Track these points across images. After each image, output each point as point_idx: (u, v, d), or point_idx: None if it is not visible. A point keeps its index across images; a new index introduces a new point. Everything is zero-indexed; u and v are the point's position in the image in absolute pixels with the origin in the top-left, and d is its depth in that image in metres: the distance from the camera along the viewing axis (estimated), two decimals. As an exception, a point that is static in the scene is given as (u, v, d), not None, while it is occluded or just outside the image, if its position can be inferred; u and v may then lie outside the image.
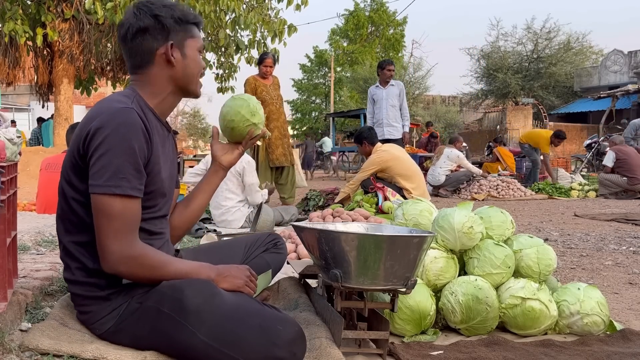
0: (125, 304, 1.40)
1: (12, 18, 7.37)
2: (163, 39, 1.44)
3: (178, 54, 1.46)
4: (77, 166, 1.38)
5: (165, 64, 1.46)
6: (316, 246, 1.60)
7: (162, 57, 1.45)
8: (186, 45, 1.48)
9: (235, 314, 1.33)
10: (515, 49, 24.55)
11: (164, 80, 1.47)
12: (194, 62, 1.49)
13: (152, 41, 1.43)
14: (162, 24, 1.43)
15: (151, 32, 1.43)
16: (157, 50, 1.44)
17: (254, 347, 1.28)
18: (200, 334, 1.29)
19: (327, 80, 32.64)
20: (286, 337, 1.31)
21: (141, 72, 1.47)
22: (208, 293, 1.34)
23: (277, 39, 8.51)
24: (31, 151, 8.95)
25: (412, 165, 5.18)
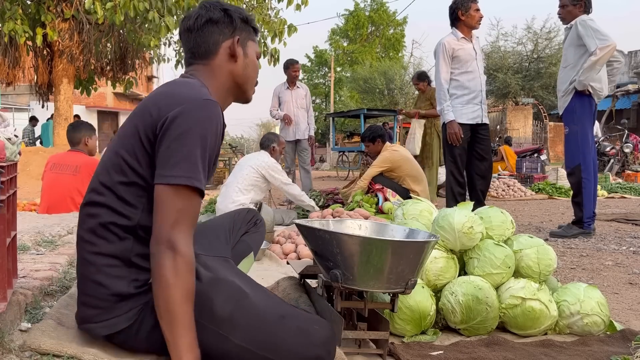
0: (143, 305, 1.32)
1: (12, 18, 7.38)
2: (230, 32, 1.46)
3: (241, 51, 1.48)
4: (143, 150, 1.30)
5: (228, 58, 1.46)
6: (317, 246, 1.60)
7: (226, 50, 1.46)
8: (248, 45, 1.50)
9: (270, 316, 1.32)
10: (515, 49, 24.56)
11: (225, 74, 1.47)
12: (253, 64, 1.51)
13: (220, 33, 1.45)
14: (231, 18, 1.46)
15: (219, 25, 1.45)
16: (223, 43, 1.45)
17: (293, 348, 1.29)
18: (234, 338, 1.29)
19: (327, 80, 32.66)
20: (323, 336, 1.33)
21: (203, 63, 1.46)
22: (237, 298, 1.32)
23: (277, 39, 8.51)
24: (31, 151, 8.96)
25: (420, 169, 5.23)
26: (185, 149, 1.25)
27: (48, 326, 1.43)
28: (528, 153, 12.27)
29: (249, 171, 4.38)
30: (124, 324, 1.32)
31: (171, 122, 1.26)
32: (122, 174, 1.32)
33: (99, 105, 24.03)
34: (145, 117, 1.31)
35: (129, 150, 1.32)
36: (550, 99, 23.38)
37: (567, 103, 4.09)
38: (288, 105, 6.56)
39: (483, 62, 4.60)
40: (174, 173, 1.24)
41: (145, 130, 1.30)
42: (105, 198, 1.33)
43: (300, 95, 6.65)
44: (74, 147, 3.98)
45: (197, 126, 1.26)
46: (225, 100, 1.51)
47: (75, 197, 3.81)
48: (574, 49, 4.05)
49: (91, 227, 1.34)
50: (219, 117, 1.33)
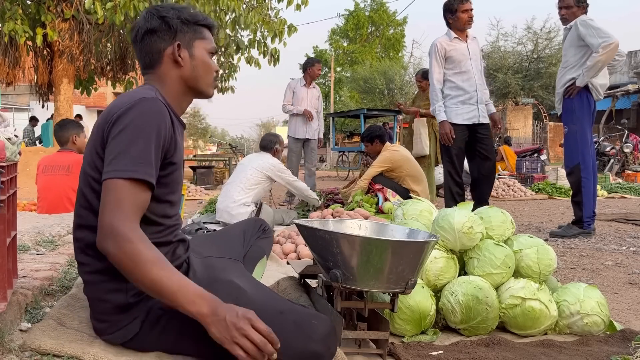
0: (145, 313, 1.36)
1: (12, 18, 7.37)
2: (170, 39, 1.47)
3: (186, 54, 1.48)
4: (100, 161, 1.33)
5: (173, 64, 1.48)
6: (317, 246, 1.60)
7: (169, 57, 1.47)
8: (194, 45, 1.50)
9: (266, 312, 1.32)
10: (515, 49, 24.56)
11: (174, 79, 1.49)
12: (202, 63, 1.51)
13: (160, 41, 1.47)
14: (168, 25, 1.46)
15: (159, 33, 1.46)
16: (165, 50, 1.47)
17: (291, 344, 1.29)
18: None
19: (327, 80, 32.64)
20: (322, 332, 1.32)
21: (152, 72, 1.50)
22: (235, 295, 1.34)
23: (277, 39, 8.51)
24: (31, 151, 8.96)
25: (420, 168, 5.24)
26: (122, 144, 1.28)
27: (48, 326, 1.43)
28: (528, 153, 12.27)
29: (253, 172, 4.39)
30: (134, 332, 1.36)
31: (112, 125, 1.32)
32: (93, 191, 1.36)
33: (99, 105, 24.03)
34: (98, 133, 1.37)
35: (91, 166, 1.36)
36: (550, 99, 23.37)
37: (566, 103, 4.09)
38: (303, 103, 6.51)
39: (482, 62, 4.53)
40: (109, 169, 1.27)
41: (97, 143, 1.35)
42: (85, 219, 1.38)
43: (315, 95, 6.65)
44: (62, 147, 3.93)
45: (134, 124, 1.30)
46: (182, 101, 1.53)
47: (71, 196, 3.79)
48: (574, 50, 4.05)
49: (81, 249, 1.39)
50: (161, 109, 1.35)
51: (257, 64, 9.01)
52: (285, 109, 6.65)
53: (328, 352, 1.34)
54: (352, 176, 12.49)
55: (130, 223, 1.24)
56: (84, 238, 1.38)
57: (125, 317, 1.37)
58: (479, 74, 4.37)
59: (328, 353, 1.34)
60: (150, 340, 1.38)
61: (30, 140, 13.96)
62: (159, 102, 1.37)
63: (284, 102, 6.62)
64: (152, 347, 1.39)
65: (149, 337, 1.37)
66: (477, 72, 4.36)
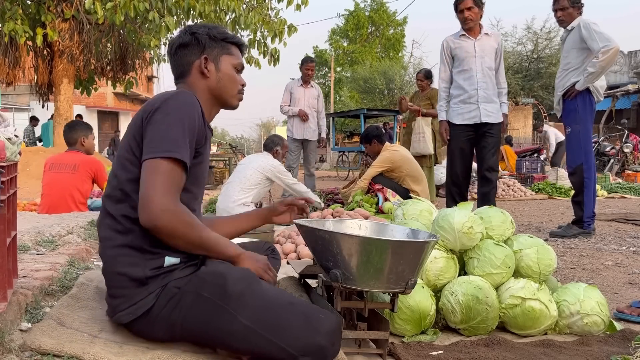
0: (160, 289, 1.42)
1: (12, 18, 7.37)
2: (199, 52, 1.62)
3: (212, 67, 1.63)
4: (137, 145, 1.46)
5: (200, 75, 1.62)
6: (317, 246, 1.60)
7: (197, 68, 1.62)
8: (221, 60, 1.64)
9: (279, 301, 1.39)
10: (515, 49, 24.55)
11: (201, 89, 1.62)
12: (227, 77, 1.65)
13: (190, 55, 1.63)
14: (198, 40, 1.62)
15: (189, 47, 1.63)
16: (194, 63, 1.62)
17: (297, 333, 1.33)
18: (242, 318, 1.34)
19: (327, 80, 32.65)
20: (328, 326, 1.36)
21: (183, 82, 1.65)
22: (250, 280, 1.41)
23: (277, 39, 8.51)
24: (31, 151, 8.96)
25: (420, 168, 5.24)
26: (162, 129, 1.41)
27: (48, 326, 1.43)
28: (528, 153, 12.27)
29: (253, 172, 4.39)
30: (146, 307, 1.41)
31: (151, 114, 1.45)
32: (126, 171, 1.47)
33: (99, 105, 24.03)
34: (137, 122, 1.50)
35: (127, 150, 1.48)
36: (550, 99, 23.35)
37: (568, 104, 4.09)
38: (299, 103, 6.47)
39: (497, 60, 4.32)
40: (151, 149, 1.40)
41: (136, 131, 1.47)
42: (115, 194, 1.48)
43: (313, 95, 6.58)
44: (71, 147, 3.99)
45: (172, 112, 1.44)
46: (210, 110, 1.66)
47: (75, 194, 3.82)
48: (576, 52, 4.05)
49: (107, 224, 1.49)
50: (195, 102, 1.50)
51: (257, 64, 9.00)
52: (282, 109, 6.64)
53: (332, 348, 1.37)
54: (352, 176, 12.50)
55: (177, 199, 1.41)
56: (112, 211, 1.47)
57: (141, 291, 1.42)
58: (482, 72, 4.24)
59: (332, 349, 1.37)
60: (160, 317, 1.41)
61: (30, 140, 13.96)
62: (194, 97, 1.51)
63: (281, 102, 6.60)
64: (160, 327, 1.42)
65: (160, 313, 1.41)
66: (481, 70, 4.24)
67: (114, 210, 1.47)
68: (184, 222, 1.40)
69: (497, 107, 4.27)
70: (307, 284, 2.05)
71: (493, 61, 4.30)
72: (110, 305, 1.48)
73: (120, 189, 1.46)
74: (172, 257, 1.45)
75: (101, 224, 1.51)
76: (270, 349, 1.33)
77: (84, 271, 2.04)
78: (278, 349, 1.32)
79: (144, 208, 1.37)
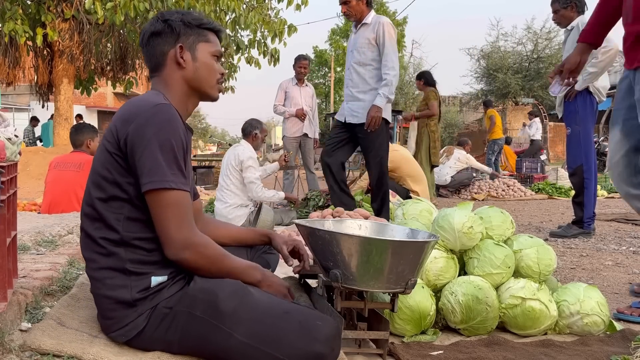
0: (150, 310, 1.38)
1: (12, 18, 7.37)
2: (173, 41, 1.51)
3: (188, 56, 1.52)
4: (115, 163, 1.39)
5: (176, 66, 1.52)
6: (317, 246, 1.60)
7: (172, 59, 1.51)
8: (198, 48, 1.53)
9: (273, 312, 1.36)
10: (515, 49, 24.55)
11: (178, 81, 1.52)
12: (205, 65, 1.54)
13: (164, 44, 1.52)
14: (171, 28, 1.51)
15: (162, 36, 1.51)
16: (168, 53, 1.51)
17: (295, 344, 1.31)
18: (238, 335, 1.32)
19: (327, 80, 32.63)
20: (326, 332, 1.34)
21: (157, 75, 1.54)
22: (241, 294, 1.37)
23: (277, 39, 8.51)
24: (31, 151, 8.96)
25: (419, 169, 5.25)
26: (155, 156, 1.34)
27: (48, 326, 1.43)
28: (528, 153, 12.27)
29: (231, 171, 4.29)
30: (138, 328, 1.38)
31: (135, 133, 1.36)
32: (100, 190, 1.41)
33: (99, 105, 24.03)
34: (111, 137, 1.41)
35: (103, 167, 1.42)
36: (550, 99, 23.36)
37: (569, 105, 4.09)
38: (296, 102, 6.27)
39: (372, 51, 3.71)
40: (154, 179, 1.34)
41: (114, 147, 1.40)
42: (90, 213, 1.43)
43: (309, 94, 6.43)
44: (76, 149, 4.05)
45: (161, 131, 1.36)
46: (188, 103, 1.56)
47: (79, 192, 3.85)
48: None
49: (89, 246, 1.44)
50: (175, 116, 1.41)
51: (257, 64, 9.01)
52: (276, 109, 6.39)
53: (332, 354, 1.35)
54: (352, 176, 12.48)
55: (193, 228, 1.39)
56: (92, 234, 1.41)
57: (130, 313, 1.38)
58: (349, 69, 3.83)
59: (332, 354, 1.35)
60: (155, 338, 1.38)
61: (30, 140, 13.96)
62: (172, 109, 1.42)
63: (275, 102, 6.35)
64: (156, 346, 1.39)
65: (154, 334, 1.38)
66: (349, 66, 3.82)
67: (92, 231, 1.41)
68: (205, 256, 1.40)
69: (364, 106, 3.70)
70: (307, 284, 2.05)
71: (366, 54, 3.73)
72: (102, 325, 1.45)
73: (94, 209, 1.41)
74: (158, 276, 1.40)
75: (83, 243, 1.46)
76: None
77: (84, 271, 2.04)
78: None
79: (166, 246, 1.37)
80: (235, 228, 1.88)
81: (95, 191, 1.42)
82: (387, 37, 3.66)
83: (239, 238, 1.82)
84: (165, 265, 1.41)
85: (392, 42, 3.66)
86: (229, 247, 1.93)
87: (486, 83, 25.02)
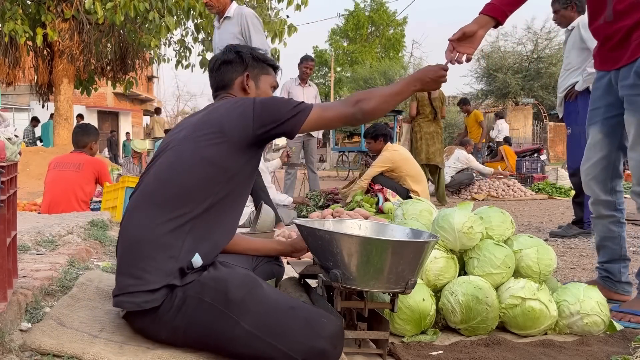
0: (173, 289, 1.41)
1: (12, 18, 7.38)
2: (242, 70, 1.77)
3: (252, 85, 1.78)
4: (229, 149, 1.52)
5: (241, 91, 1.77)
6: (317, 246, 1.60)
7: (239, 84, 1.77)
8: (261, 79, 1.80)
9: (281, 305, 1.40)
10: (515, 49, 24.57)
11: None
12: (265, 94, 1.79)
13: (233, 71, 1.78)
14: (242, 59, 1.78)
15: (233, 64, 1.78)
16: (236, 79, 1.77)
17: (300, 338, 1.34)
18: (244, 323, 1.35)
19: (327, 80, 32.65)
20: (331, 330, 1.38)
21: (225, 93, 1.78)
22: (251, 285, 1.42)
23: (277, 39, 8.52)
24: (31, 151, 8.96)
25: (419, 168, 5.26)
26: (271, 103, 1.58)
27: (48, 326, 1.43)
28: (528, 153, 12.27)
29: None
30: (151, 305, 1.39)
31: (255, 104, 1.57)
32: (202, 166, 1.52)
33: (99, 105, 24.02)
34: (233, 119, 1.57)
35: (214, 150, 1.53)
36: (550, 99, 23.39)
37: (569, 105, 4.09)
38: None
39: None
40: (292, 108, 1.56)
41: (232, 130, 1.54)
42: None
43: (312, 94, 6.47)
44: (77, 149, 4.04)
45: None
46: None
47: (78, 193, 3.86)
48: (577, 52, 4.04)
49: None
50: None
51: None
52: None
53: (335, 351, 1.38)
54: (352, 176, 12.49)
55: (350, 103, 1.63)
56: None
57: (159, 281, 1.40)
58: None
59: (334, 352, 1.38)
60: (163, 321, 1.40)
61: (30, 140, 13.97)
62: None
63: None
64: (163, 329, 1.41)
65: (164, 317, 1.40)
66: None
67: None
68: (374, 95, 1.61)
69: None
70: (307, 284, 2.05)
71: None
72: (120, 284, 1.46)
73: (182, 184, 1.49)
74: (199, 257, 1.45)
75: None
76: (273, 354, 1.34)
77: (84, 271, 2.04)
78: (280, 354, 1.33)
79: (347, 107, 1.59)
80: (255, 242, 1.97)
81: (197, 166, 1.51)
82: (253, 29, 3.56)
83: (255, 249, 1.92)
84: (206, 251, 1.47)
85: (258, 34, 3.54)
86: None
87: (486, 83, 25.03)
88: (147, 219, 1.47)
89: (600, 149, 2.31)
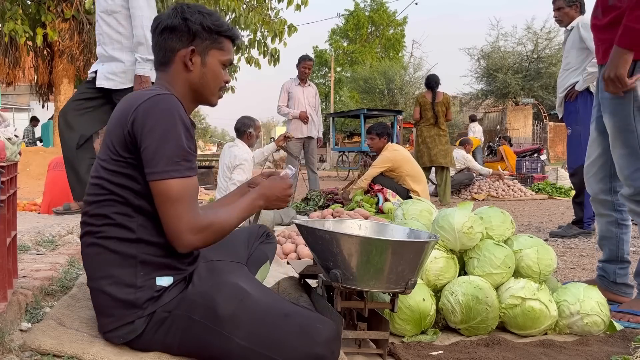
0: (151, 314, 1.37)
1: (12, 18, 7.37)
2: (187, 42, 1.46)
3: (198, 60, 1.48)
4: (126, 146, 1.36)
5: (183, 67, 1.48)
6: (317, 246, 1.60)
7: (181, 58, 1.47)
8: (209, 54, 1.49)
9: (272, 315, 1.35)
10: (515, 49, 24.58)
11: (181, 81, 1.49)
12: (212, 73, 1.50)
13: (176, 42, 1.47)
14: (188, 28, 1.45)
15: (177, 33, 1.46)
16: (179, 52, 1.47)
17: (296, 347, 1.30)
18: (238, 339, 1.31)
19: (327, 80, 32.66)
20: (326, 335, 1.33)
21: (163, 70, 1.51)
22: (239, 297, 1.36)
23: (277, 39, 8.52)
24: (31, 151, 8.96)
25: (419, 169, 5.28)
26: (158, 144, 1.31)
27: (48, 326, 1.43)
28: (528, 153, 12.27)
29: (227, 173, 4.31)
30: (134, 334, 1.37)
31: (136, 124, 1.33)
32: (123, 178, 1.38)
33: (99, 105, 23.98)
34: (116, 128, 1.38)
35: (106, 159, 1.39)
36: (550, 99, 23.39)
37: (569, 105, 4.09)
38: (299, 102, 6.28)
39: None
40: (157, 169, 1.31)
41: (115, 138, 1.37)
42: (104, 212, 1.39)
43: (312, 93, 6.44)
44: None
45: (163, 120, 1.33)
46: (187, 105, 1.51)
47: None
48: (576, 52, 4.04)
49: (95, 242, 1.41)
50: (177, 105, 1.37)
51: (257, 64, 9.02)
52: (280, 110, 6.41)
53: (332, 356, 1.35)
54: (352, 176, 12.49)
55: (196, 216, 1.35)
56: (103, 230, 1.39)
57: (130, 314, 1.36)
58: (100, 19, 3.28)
59: (332, 357, 1.35)
60: (154, 341, 1.38)
61: (30, 140, 13.96)
62: (174, 97, 1.39)
63: (279, 102, 6.37)
64: (155, 348, 1.39)
65: (153, 338, 1.37)
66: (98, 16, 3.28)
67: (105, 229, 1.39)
68: (215, 231, 1.39)
69: (123, 67, 3.16)
70: (307, 284, 2.05)
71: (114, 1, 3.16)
72: (101, 323, 1.42)
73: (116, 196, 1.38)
74: (163, 276, 1.39)
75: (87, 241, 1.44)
76: None
77: (83, 271, 2.04)
78: None
79: (177, 241, 1.35)
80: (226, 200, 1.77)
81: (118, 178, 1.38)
82: None
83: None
84: (169, 267, 1.40)
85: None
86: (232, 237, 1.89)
87: (486, 83, 25.04)
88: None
89: (597, 147, 2.32)
